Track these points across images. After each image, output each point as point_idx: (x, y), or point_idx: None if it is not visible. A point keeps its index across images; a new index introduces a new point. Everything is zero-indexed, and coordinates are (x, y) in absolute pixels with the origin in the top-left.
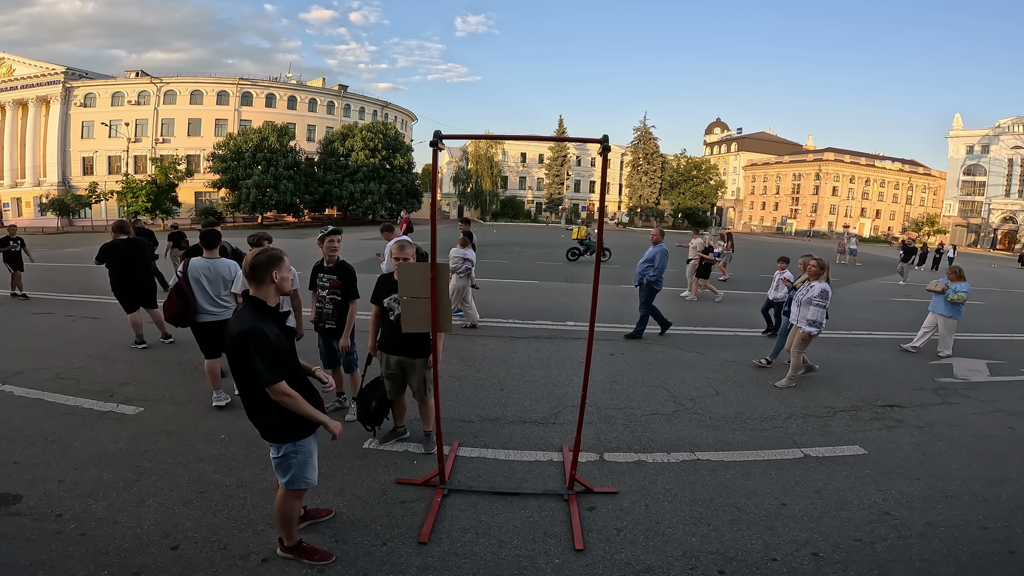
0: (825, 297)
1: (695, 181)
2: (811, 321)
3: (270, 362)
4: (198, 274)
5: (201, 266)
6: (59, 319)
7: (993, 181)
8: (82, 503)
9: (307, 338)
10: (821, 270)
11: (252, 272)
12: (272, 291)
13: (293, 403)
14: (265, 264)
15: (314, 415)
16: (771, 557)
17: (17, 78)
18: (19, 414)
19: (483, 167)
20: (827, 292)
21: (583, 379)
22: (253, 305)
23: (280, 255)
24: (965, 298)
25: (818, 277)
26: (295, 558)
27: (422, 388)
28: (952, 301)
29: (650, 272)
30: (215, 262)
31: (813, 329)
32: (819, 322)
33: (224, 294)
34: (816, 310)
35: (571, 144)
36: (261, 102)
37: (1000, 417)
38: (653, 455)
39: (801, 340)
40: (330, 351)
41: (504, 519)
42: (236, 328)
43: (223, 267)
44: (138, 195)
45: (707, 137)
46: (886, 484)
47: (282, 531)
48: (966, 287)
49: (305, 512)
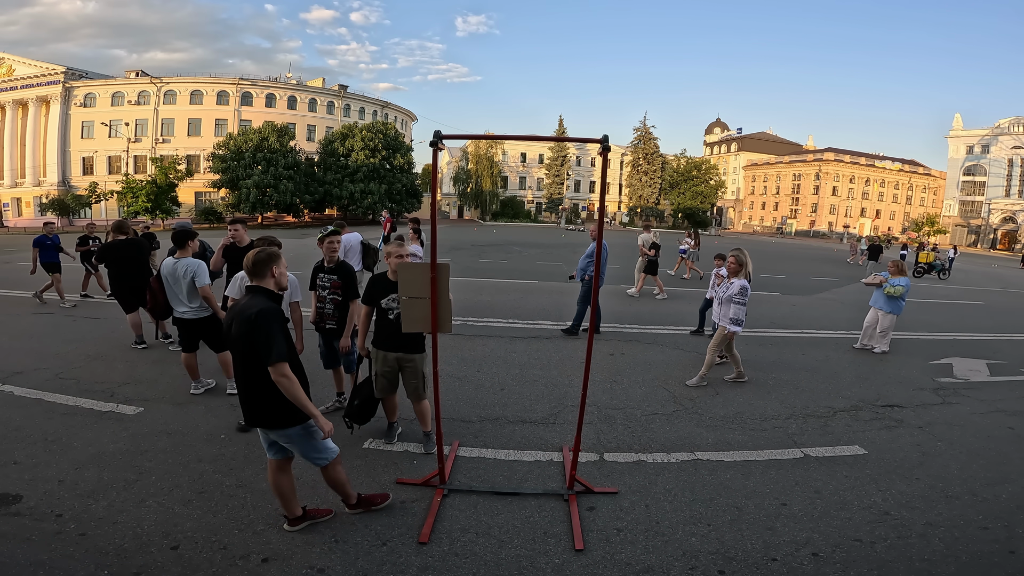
0: (744, 294)
1: (695, 181)
2: (733, 319)
3: (282, 344)
4: (166, 273)
5: (167, 265)
6: (59, 319)
7: (993, 181)
8: (82, 503)
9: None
10: (740, 267)
11: (254, 268)
12: (272, 285)
13: (291, 386)
14: (265, 261)
15: (307, 406)
16: (771, 557)
17: (17, 78)
18: (19, 414)
19: (483, 167)
20: (746, 289)
21: (583, 379)
22: (263, 293)
23: (277, 252)
24: (903, 292)
25: (737, 274)
26: (363, 511)
27: (420, 385)
28: (889, 295)
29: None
30: (178, 262)
31: (734, 327)
32: (740, 320)
33: (182, 295)
34: (737, 308)
35: (571, 144)
36: (261, 102)
37: (1000, 417)
38: (653, 455)
39: (722, 338)
40: (330, 351)
41: (504, 519)
42: (255, 308)
43: (181, 267)
44: (138, 195)
45: (707, 137)
46: (886, 484)
47: (340, 494)
48: (904, 281)
49: (304, 512)
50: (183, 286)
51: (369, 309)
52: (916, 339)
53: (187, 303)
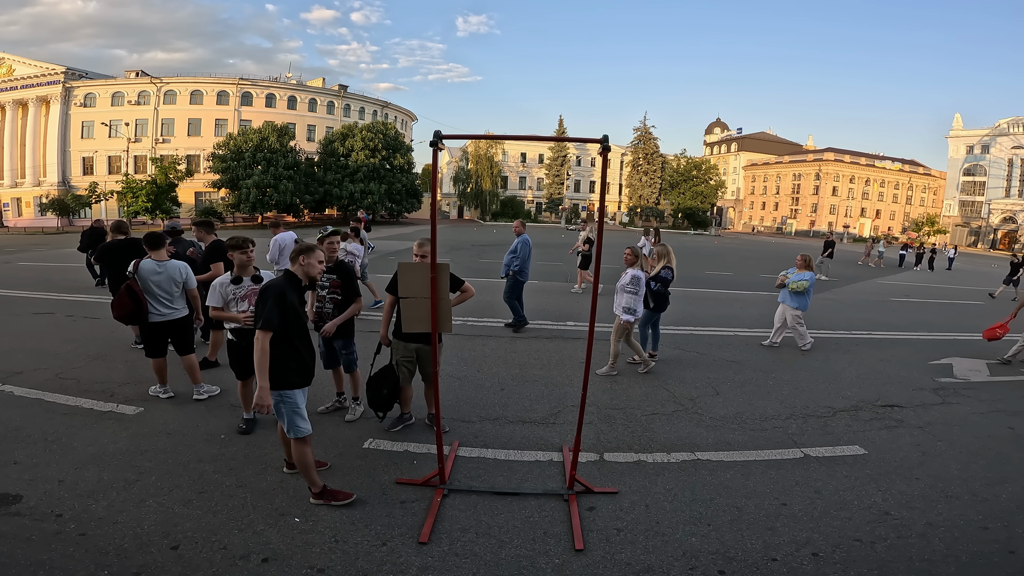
0: (637, 284)
1: (695, 181)
2: (625, 308)
3: (273, 313)
4: (148, 275)
5: (149, 267)
6: (59, 319)
7: (993, 182)
8: (82, 503)
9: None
10: (635, 258)
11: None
12: (299, 270)
13: (260, 355)
14: (297, 252)
15: (263, 376)
16: (771, 557)
17: (17, 78)
18: (19, 414)
19: (483, 167)
20: (639, 279)
21: (583, 379)
22: (287, 274)
23: (310, 247)
24: (806, 287)
25: (632, 265)
26: (324, 502)
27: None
28: (793, 291)
29: (515, 263)
30: (165, 264)
31: (628, 316)
32: (633, 309)
33: (176, 294)
34: (629, 297)
35: (571, 144)
36: (261, 102)
37: (1000, 417)
38: (653, 455)
39: (618, 327)
40: (330, 351)
41: (504, 519)
42: (269, 283)
43: (173, 269)
44: (138, 195)
45: (707, 137)
46: (886, 484)
47: (306, 479)
48: (808, 276)
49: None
50: (177, 288)
51: (393, 299)
52: (916, 339)
53: (176, 305)
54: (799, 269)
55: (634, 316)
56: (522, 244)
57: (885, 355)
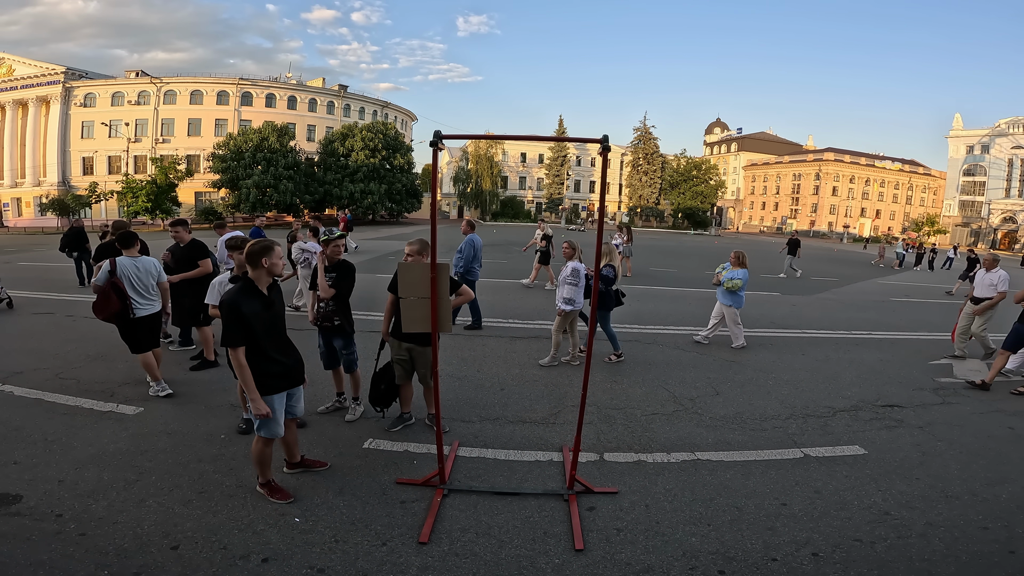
0: (576, 276)
1: (695, 181)
2: (565, 299)
3: (233, 330)
4: (127, 272)
5: (128, 264)
6: (59, 319)
7: (993, 182)
8: (82, 503)
9: (308, 338)
10: (573, 251)
11: (248, 258)
12: (263, 274)
13: (240, 371)
14: (258, 252)
15: (250, 389)
16: (771, 557)
17: (17, 78)
18: (19, 414)
19: (483, 167)
20: (578, 271)
21: (583, 379)
22: (242, 283)
23: (271, 245)
24: (740, 285)
25: (571, 258)
26: (265, 494)
27: (427, 374)
28: (727, 289)
29: (460, 263)
30: (139, 260)
31: (567, 307)
32: (573, 299)
33: (151, 291)
34: (569, 288)
35: (571, 144)
36: (261, 102)
37: (1000, 417)
38: (653, 455)
39: (558, 317)
40: (330, 351)
41: (504, 519)
42: (222, 299)
43: (148, 263)
44: (138, 195)
45: (707, 137)
46: (886, 484)
47: (256, 469)
48: (741, 274)
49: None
50: (152, 282)
51: (393, 297)
52: (916, 339)
53: (152, 298)
54: (733, 267)
55: (572, 306)
56: (467, 244)
57: (885, 355)
